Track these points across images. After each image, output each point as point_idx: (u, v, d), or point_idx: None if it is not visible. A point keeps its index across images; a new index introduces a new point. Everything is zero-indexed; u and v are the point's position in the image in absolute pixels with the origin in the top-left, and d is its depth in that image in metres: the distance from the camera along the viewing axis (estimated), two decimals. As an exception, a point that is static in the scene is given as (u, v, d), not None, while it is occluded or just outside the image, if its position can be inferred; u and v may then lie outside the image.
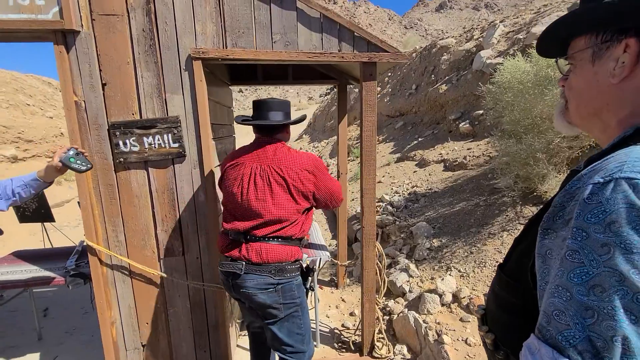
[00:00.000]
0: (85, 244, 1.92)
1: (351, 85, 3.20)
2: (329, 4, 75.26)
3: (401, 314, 2.50)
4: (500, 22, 5.88)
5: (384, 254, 2.51)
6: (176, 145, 1.87)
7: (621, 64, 0.52)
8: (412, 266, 2.89)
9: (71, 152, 1.63)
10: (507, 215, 2.91)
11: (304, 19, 1.85)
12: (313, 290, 1.75)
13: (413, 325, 2.33)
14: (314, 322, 2.56)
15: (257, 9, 1.81)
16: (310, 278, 1.67)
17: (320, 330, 2.70)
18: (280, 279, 1.49)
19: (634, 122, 0.53)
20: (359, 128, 9.13)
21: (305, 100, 37.02)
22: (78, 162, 1.64)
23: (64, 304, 3.30)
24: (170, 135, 1.85)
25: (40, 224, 3.89)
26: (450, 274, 2.62)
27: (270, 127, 1.62)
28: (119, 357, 2.06)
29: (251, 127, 1.65)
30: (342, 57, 1.90)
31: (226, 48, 1.81)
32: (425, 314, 2.37)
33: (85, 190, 1.84)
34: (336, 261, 3.05)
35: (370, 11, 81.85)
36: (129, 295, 2.01)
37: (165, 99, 1.83)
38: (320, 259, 2.20)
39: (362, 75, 1.99)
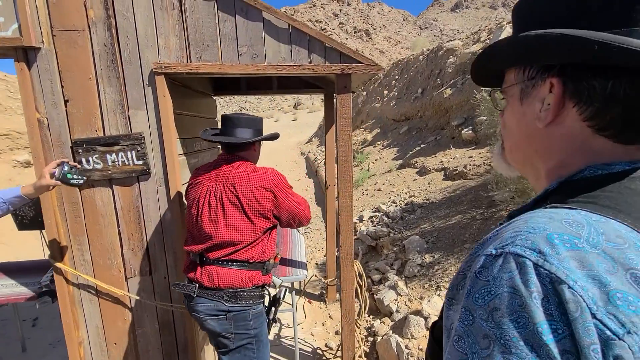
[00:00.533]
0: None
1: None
2: (343, 6, 75.25)
3: (385, 337, 2.37)
4: (508, 23, 5.64)
5: (364, 274, 2.38)
6: (140, 162, 1.81)
7: (547, 106, 0.44)
8: (401, 284, 2.75)
9: (66, 168, 1.54)
10: (503, 232, 2.73)
11: (271, 30, 1.76)
12: (275, 322, 1.63)
13: (395, 350, 2.19)
14: (293, 340, 2.46)
15: (222, 21, 1.73)
16: (273, 309, 1.57)
17: (302, 350, 2.60)
18: (233, 306, 1.40)
19: (561, 173, 0.45)
20: (364, 132, 9.01)
21: (318, 102, 37.03)
22: (75, 176, 1.57)
23: (54, 313, 3.32)
24: (134, 152, 1.79)
25: (39, 231, 3.96)
26: (439, 294, 2.47)
27: (234, 144, 1.54)
28: (87, 377, 2.01)
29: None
30: (313, 69, 1.80)
31: (190, 62, 1.74)
32: (409, 339, 2.23)
33: (49, 208, 1.81)
34: (319, 277, 2.94)
35: (384, 12, 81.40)
36: (97, 315, 1.97)
37: (129, 115, 1.78)
38: (287, 289, 2.07)
39: (337, 88, 1.89)
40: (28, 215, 3.57)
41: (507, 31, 5.17)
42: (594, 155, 0.42)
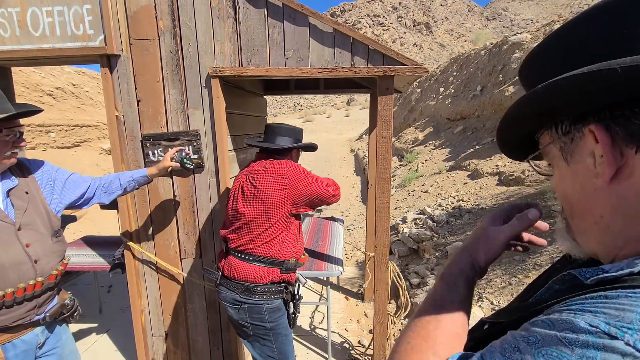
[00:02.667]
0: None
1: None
2: (402, -1, 72.65)
3: (418, 341, 2.34)
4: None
5: (401, 275, 2.37)
6: (196, 156, 2.01)
7: (600, 159, 0.37)
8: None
9: (183, 154, 1.84)
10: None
11: (316, 34, 1.83)
12: (295, 315, 1.66)
13: (427, 356, 2.16)
14: (326, 331, 2.54)
15: (271, 27, 1.85)
16: (292, 304, 1.61)
17: (335, 343, 2.67)
18: (247, 299, 1.48)
19: None
20: (415, 130, 8.73)
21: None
22: (188, 162, 1.85)
23: (125, 283, 3.82)
24: (190, 147, 2.00)
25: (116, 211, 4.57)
26: (479, 305, 2.36)
27: (271, 150, 1.64)
28: (146, 341, 2.31)
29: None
30: (355, 71, 1.84)
31: (241, 66, 1.89)
32: (443, 346, 2.18)
33: (122, 193, 2.10)
34: (357, 274, 2.97)
35: (447, 3, 76.90)
36: (156, 288, 2.25)
37: (188, 114, 1.99)
38: (300, 285, 2.02)
39: (379, 89, 1.90)
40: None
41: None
42: None
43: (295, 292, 1.61)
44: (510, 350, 0.33)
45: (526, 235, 0.55)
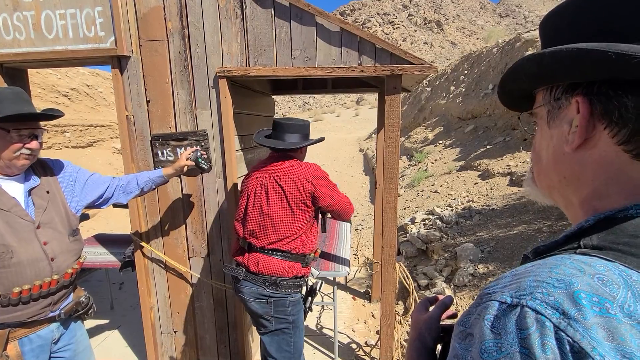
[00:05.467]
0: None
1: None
2: (413, -4, 71.84)
3: (426, 343, 2.31)
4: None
5: (409, 276, 2.35)
6: (206, 156, 2.03)
7: (574, 128, 0.40)
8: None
9: (198, 154, 1.87)
10: (573, 248, 2.44)
11: (323, 33, 1.82)
12: (311, 310, 1.73)
13: (435, 358, 2.13)
14: (333, 331, 2.54)
15: (278, 27, 1.85)
16: (310, 298, 1.67)
17: (341, 343, 2.67)
18: (273, 292, 1.53)
19: (597, 206, 0.40)
20: (425, 130, 8.64)
21: (380, 98, 36.22)
22: (203, 162, 1.89)
23: (135, 280, 3.89)
24: (198, 146, 2.02)
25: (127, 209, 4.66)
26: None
27: (282, 148, 1.66)
28: (155, 338, 2.35)
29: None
30: (362, 70, 1.83)
31: (248, 66, 1.90)
32: (451, 349, 2.15)
33: (132, 192, 2.13)
34: (364, 274, 2.95)
35: (459, 1, 75.78)
36: (164, 286, 2.28)
37: (196, 114, 2.01)
38: (322, 281, 2.14)
39: (386, 89, 1.89)
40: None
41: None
42: (633, 186, 0.37)
43: (316, 288, 1.66)
44: None
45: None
